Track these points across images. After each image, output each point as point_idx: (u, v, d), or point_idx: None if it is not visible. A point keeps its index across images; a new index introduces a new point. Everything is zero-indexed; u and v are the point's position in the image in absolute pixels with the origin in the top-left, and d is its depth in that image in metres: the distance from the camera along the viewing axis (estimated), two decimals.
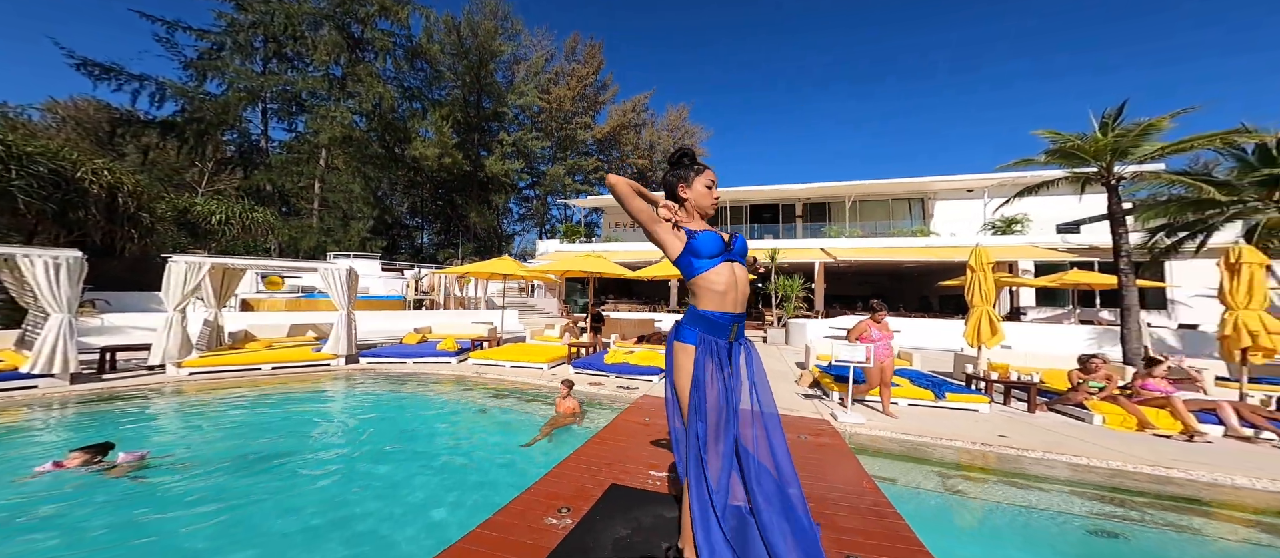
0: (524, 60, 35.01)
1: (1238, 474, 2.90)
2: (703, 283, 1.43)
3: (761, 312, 15.46)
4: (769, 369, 8.10)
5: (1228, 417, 3.84)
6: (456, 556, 1.92)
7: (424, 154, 27.17)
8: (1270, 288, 4.87)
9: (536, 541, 2.07)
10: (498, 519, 2.25)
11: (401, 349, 7.51)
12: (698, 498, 1.30)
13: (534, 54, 34.81)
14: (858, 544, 1.94)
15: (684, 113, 38.78)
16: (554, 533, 2.13)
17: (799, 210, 20.89)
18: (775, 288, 14.57)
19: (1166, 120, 8.55)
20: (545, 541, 2.07)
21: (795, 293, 14.48)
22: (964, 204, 18.16)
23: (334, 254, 18.05)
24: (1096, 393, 4.51)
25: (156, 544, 2.21)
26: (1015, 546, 2.38)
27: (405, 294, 14.23)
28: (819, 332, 11.46)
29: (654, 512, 1.99)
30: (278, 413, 4.63)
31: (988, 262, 5.89)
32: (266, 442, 3.71)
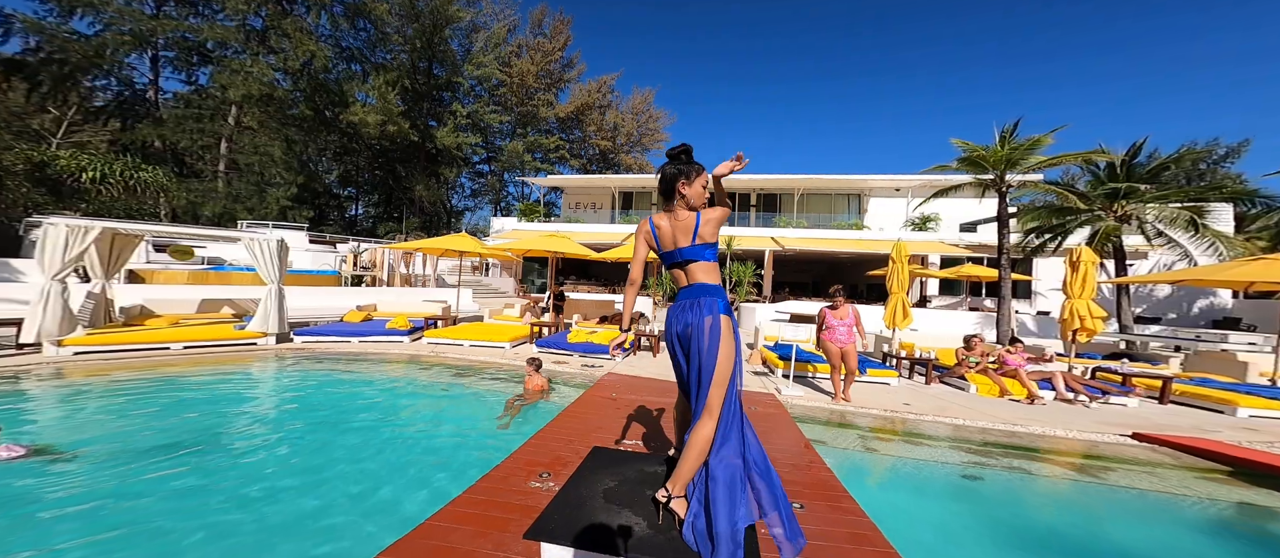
0: (484, 29, 32.47)
1: (1058, 428, 3.88)
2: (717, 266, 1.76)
3: None
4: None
5: (1057, 384, 5.01)
6: (447, 518, 2.08)
7: (364, 120, 24.40)
8: (1099, 281, 6.28)
9: (524, 500, 2.28)
10: (483, 485, 2.43)
11: (344, 327, 7.07)
12: (737, 451, 1.55)
13: (496, 24, 32.39)
14: (798, 493, 2.40)
15: (649, 97, 38.39)
16: (540, 494, 2.36)
17: (753, 200, 22.00)
18: (729, 274, 15.49)
19: (1048, 137, 10.30)
20: (532, 500, 2.29)
21: (748, 278, 15.51)
22: (893, 202, 20.32)
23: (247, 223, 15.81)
24: (974, 367, 5.60)
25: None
26: (911, 489, 3.04)
27: (340, 269, 13.00)
28: (767, 315, 12.50)
29: (636, 468, 2.27)
30: (199, 398, 4.20)
31: (905, 255, 6.85)
32: (188, 431, 3.29)
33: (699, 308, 1.64)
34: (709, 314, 1.61)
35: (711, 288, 1.69)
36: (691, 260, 1.71)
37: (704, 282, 1.70)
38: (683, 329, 1.67)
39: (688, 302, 1.70)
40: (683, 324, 1.67)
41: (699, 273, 1.71)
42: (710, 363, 1.56)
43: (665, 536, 1.60)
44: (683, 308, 1.71)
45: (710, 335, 1.58)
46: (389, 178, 32.02)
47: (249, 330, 6.10)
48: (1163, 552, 2.36)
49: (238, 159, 21.87)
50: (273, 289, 6.08)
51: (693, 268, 1.72)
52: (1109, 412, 4.56)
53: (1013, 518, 2.68)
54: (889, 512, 2.52)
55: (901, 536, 1.97)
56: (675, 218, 1.75)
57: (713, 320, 1.60)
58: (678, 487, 1.62)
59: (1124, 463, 3.29)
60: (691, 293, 1.71)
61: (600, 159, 37.68)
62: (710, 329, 1.59)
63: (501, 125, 34.24)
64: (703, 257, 1.71)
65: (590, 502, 1.86)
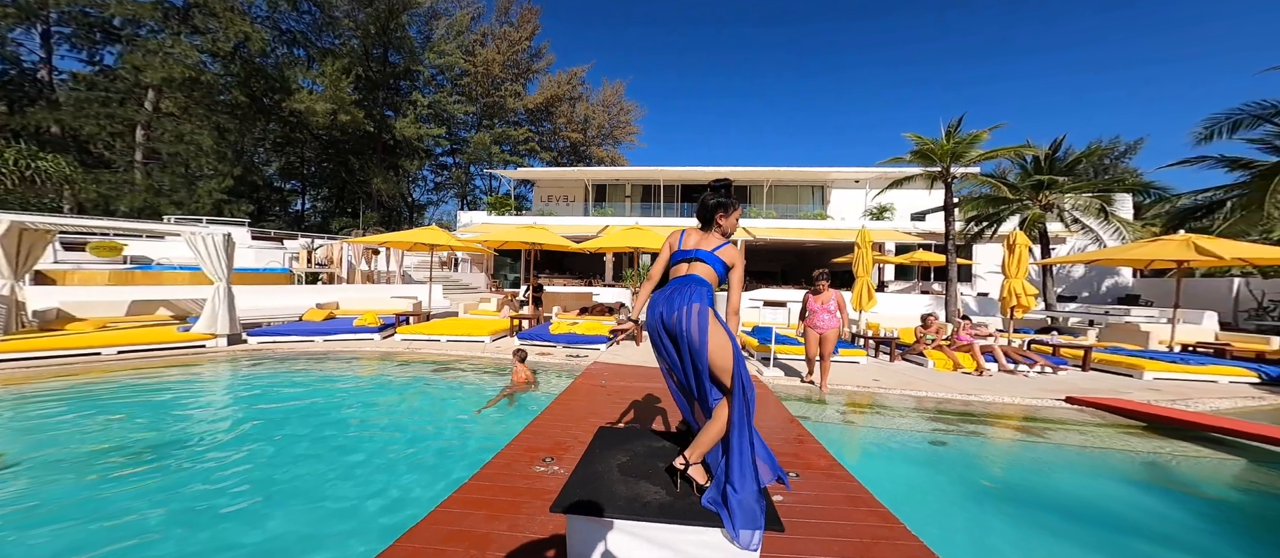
0: (445, 16, 30.75)
1: (1005, 396, 4.35)
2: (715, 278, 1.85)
3: None
4: None
5: (999, 356, 5.60)
6: (458, 504, 2.07)
7: (311, 108, 22.45)
8: (1030, 262, 7.02)
9: (531, 484, 2.30)
10: (487, 472, 2.42)
11: (305, 326, 6.62)
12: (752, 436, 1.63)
13: (458, 10, 30.76)
14: (792, 464, 2.57)
15: (620, 89, 37.99)
16: (545, 478, 2.38)
17: None
18: None
19: (986, 133, 11.29)
20: (539, 484, 2.31)
21: None
22: (853, 193, 21.47)
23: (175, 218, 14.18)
24: (930, 344, 6.13)
25: None
26: (885, 456, 3.32)
27: (292, 267, 12.00)
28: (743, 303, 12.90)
29: (644, 444, 2.33)
30: (144, 406, 3.81)
31: (869, 241, 7.33)
32: (135, 443, 3.00)
33: (686, 294, 1.68)
34: (697, 301, 1.65)
35: (702, 282, 1.75)
36: (700, 259, 1.79)
37: (699, 276, 1.77)
38: (669, 314, 1.69)
39: (674, 287, 1.75)
40: (670, 309, 1.69)
41: (699, 270, 1.78)
42: (703, 352, 1.61)
43: (685, 501, 1.67)
44: (668, 294, 1.75)
45: (698, 322, 1.61)
46: (341, 170, 29.82)
47: (195, 332, 5.57)
48: (1097, 499, 2.75)
49: (159, 148, 19.44)
50: (221, 288, 5.56)
51: (697, 265, 1.80)
52: (1044, 380, 5.17)
53: (973, 476, 3.01)
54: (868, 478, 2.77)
55: (881, 496, 2.16)
56: (704, 236, 1.88)
57: (700, 307, 1.65)
58: (696, 455, 1.70)
59: (1061, 424, 3.77)
60: (680, 283, 1.76)
61: (571, 151, 37.04)
62: (698, 316, 1.63)
63: (466, 116, 32.83)
64: (712, 263, 1.79)
65: (607, 476, 1.91)
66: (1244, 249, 5.98)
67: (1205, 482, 3.00)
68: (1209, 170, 11.59)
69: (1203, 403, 4.24)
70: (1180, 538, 2.32)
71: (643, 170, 21.99)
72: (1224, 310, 13.40)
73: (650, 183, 22.01)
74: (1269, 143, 10.27)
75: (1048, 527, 2.38)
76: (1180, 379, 5.19)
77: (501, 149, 32.97)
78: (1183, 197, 12.97)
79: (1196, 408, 4.10)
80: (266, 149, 27.12)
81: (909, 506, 2.56)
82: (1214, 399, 4.37)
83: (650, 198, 23.02)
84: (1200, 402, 4.27)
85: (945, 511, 2.61)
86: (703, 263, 1.79)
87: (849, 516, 2.06)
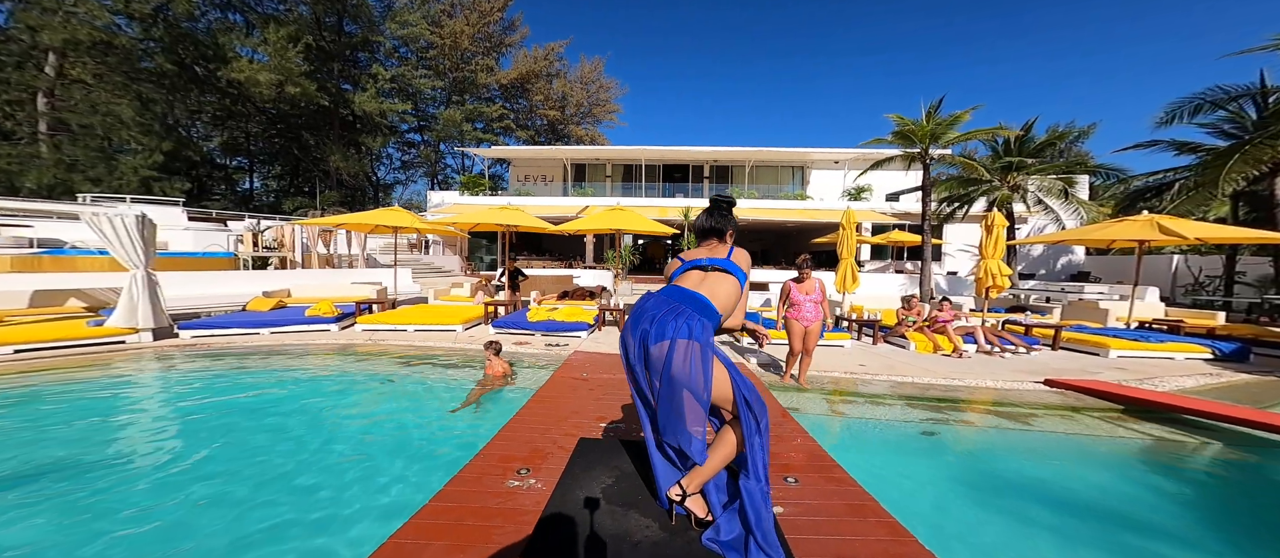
0: None
1: (986, 379, 4.37)
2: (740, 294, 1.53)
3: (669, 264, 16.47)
4: None
5: (979, 337, 5.69)
6: (413, 533, 1.75)
7: (253, 79, 20.28)
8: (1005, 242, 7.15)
9: (504, 503, 2.00)
10: (452, 489, 2.10)
11: (249, 317, 5.97)
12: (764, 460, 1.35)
13: None
14: (788, 466, 2.38)
15: (599, 66, 36.43)
16: (521, 494, 2.09)
17: (706, 172, 22.15)
18: (686, 244, 15.60)
19: (966, 114, 11.37)
20: (514, 502, 2.02)
21: None
22: (832, 174, 21.59)
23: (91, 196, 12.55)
24: (911, 326, 6.16)
25: None
26: (874, 449, 3.22)
27: (237, 251, 10.91)
28: None
29: (631, 459, 2.09)
30: (50, 415, 3.26)
31: (854, 222, 7.24)
32: (38, 461, 2.57)
33: (680, 321, 1.31)
34: (696, 338, 1.28)
35: (705, 309, 1.35)
36: (720, 268, 1.48)
37: (705, 300, 1.37)
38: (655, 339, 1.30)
39: (669, 306, 1.35)
40: (657, 332, 1.30)
41: (711, 288, 1.42)
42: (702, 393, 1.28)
43: (683, 539, 1.43)
44: (658, 312, 1.34)
45: (696, 366, 1.27)
46: (294, 146, 27.52)
47: (110, 326, 4.86)
48: (1087, 489, 2.73)
49: (68, 119, 17.08)
50: (138, 276, 4.84)
51: (712, 277, 1.45)
52: (1020, 361, 5.28)
53: (964, 469, 2.96)
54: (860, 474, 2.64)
55: (875, 493, 2.00)
56: (708, 246, 1.64)
57: (701, 348, 1.28)
58: (694, 483, 1.45)
59: (1046, 409, 3.80)
60: (678, 301, 1.37)
61: (549, 130, 35.55)
62: (697, 358, 1.27)
63: (434, 91, 30.73)
64: (735, 271, 1.48)
65: (591, 505, 1.65)
66: (1205, 229, 6.22)
67: (1188, 467, 3.06)
68: (1158, 154, 12.19)
69: (1168, 381, 4.40)
70: (1172, 528, 2.31)
71: (624, 150, 21.29)
72: (1164, 286, 14.45)
73: (631, 162, 21.37)
74: (1218, 127, 10.81)
75: (1042, 522, 2.32)
76: (1142, 356, 5.41)
77: (474, 127, 31.29)
78: (1134, 179, 13.66)
79: (1164, 387, 4.25)
80: (205, 122, 24.55)
81: (904, 503, 2.45)
82: (1178, 377, 4.55)
83: (632, 177, 22.41)
84: (1166, 380, 4.44)
85: (939, 505, 2.52)
86: (722, 272, 1.45)
87: (856, 528, 1.88)
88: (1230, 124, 10.61)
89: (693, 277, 1.49)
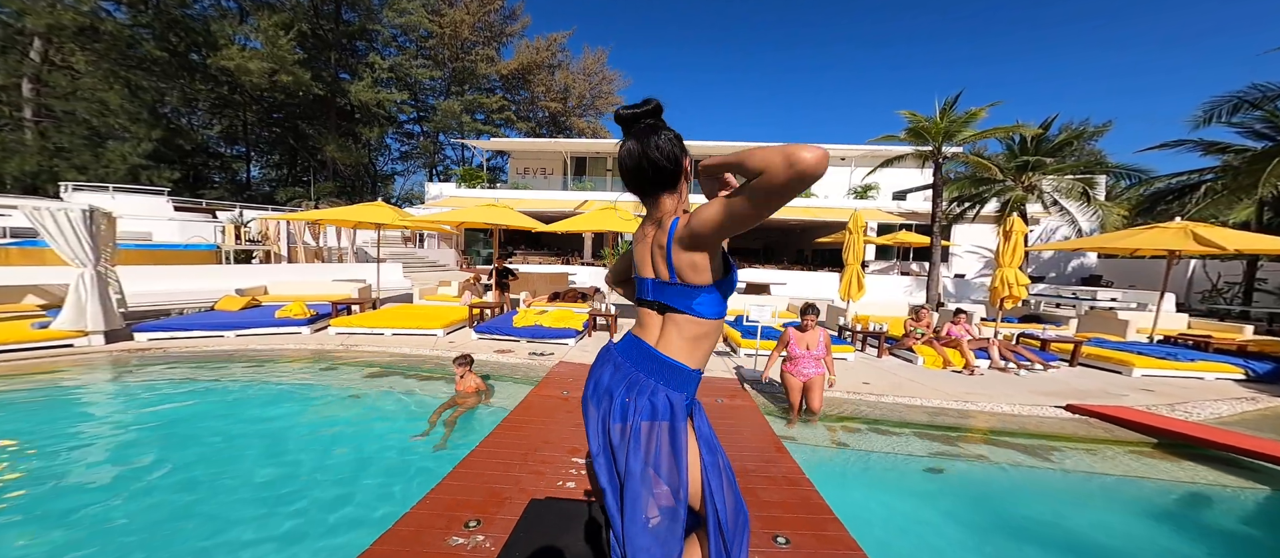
0: None
1: (1001, 403, 3.99)
2: (718, 328, 0.99)
3: None
4: None
5: (993, 352, 5.31)
6: None
7: (243, 67, 19.94)
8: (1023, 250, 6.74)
9: None
10: (381, 550, 1.77)
11: (213, 318, 5.64)
12: None
13: None
14: (779, 519, 2.05)
15: (602, 57, 35.77)
16: (463, 557, 1.77)
17: None
18: None
19: (983, 111, 10.84)
20: None
21: None
22: (838, 171, 21.02)
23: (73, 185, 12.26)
24: (920, 338, 5.79)
25: None
26: (879, 488, 2.87)
27: (220, 243, 10.61)
28: None
29: (587, 526, 1.76)
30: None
31: (861, 226, 6.83)
32: None
33: (641, 388, 0.96)
34: (661, 418, 0.94)
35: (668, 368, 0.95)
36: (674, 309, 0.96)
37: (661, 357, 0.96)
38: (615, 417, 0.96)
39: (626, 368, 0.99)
40: (611, 407, 0.97)
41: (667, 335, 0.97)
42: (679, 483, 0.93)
43: None
44: (617, 380, 0.99)
45: (661, 453, 0.92)
46: (290, 136, 27.20)
47: (55, 329, 4.55)
48: (1122, 543, 2.38)
49: (53, 106, 16.74)
50: (86, 274, 4.52)
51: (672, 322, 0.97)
52: (1037, 380, 4.90)
53: (977, 515, 2.62)
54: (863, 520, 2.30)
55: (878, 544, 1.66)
56: (653, 216, 1.02)
57: (668, 427, 0.93)
58: None
59: (1067, 440, 3.44)
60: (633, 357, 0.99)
61: (550, 122, 35.04)
62: (666, 445, 0.93)
63: (433, 81, 30.28)
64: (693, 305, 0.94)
65: None
66: (1247, 239, 5.76)
67: (1230, 515, 2.71)
68: (1183, 155, 11.63)
69: (1203, 408, 4.03)
70: None
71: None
72: (1179, 292, 13.94)
73: None
74: (1251, 127, 10.24)
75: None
76: (1169, 376, 5.03)
77: (474, 118, 30.85)
78: (1156, 180, 13.06)
79: (1198, 414, 3.88)
80: (204, 111, 24.27)
81: (896, 550, 2.13)
82: (1211, 401, 4.17)
83: None
84: (1200, 406, 4.06)
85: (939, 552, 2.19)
86: (680, 315, 0.95)
87: None
88: (1264, 124, 10.04)
89: (644, 318, 1.03)
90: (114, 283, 4.94)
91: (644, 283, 1.02)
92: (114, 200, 11.76)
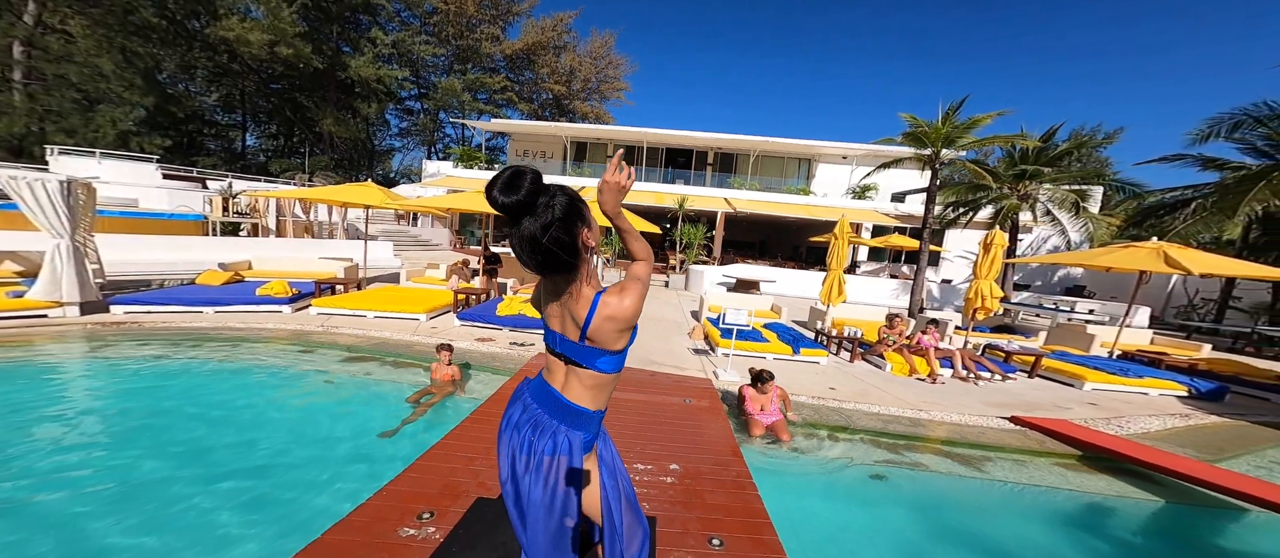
0: None
1: (951, 413, 4.17)
2: (617, 378, 1.11)
3: (665, 256, 16.19)
4: (664, 318, 8.63)
5: (956, 362, 5.50)
6: None
7: (243, 38, 19.39)
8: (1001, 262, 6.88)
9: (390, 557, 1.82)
10: (331, 539, 1.88)
11: (194, 293, 5.67)
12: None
13: None
14: (719, 522, 2.21)
15: (609, 41, 34.86)
16: (411, 548, 1.89)
17: (710, 159, 21.51)
18: (681, 235, 15.26)
19: (987, 118, 10.80)
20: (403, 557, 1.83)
21: (698, 240, 15.47)
22: (839, 169, 20.97)
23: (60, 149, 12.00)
24: (892, 346, 5.97)
25: None
26: (821, 493, 3.05)
27: (207, 214, 10.54)
28: (714, 278, 12.58)
29: None
30: None
31: (847, 230, 6.93)
32: None
33: (545, 431, 1.08)
34: (561, 453, 1.06)
35: (569, 413, 1.07)
36: (575, 362, 1.07)
37: (568, 404, 1.07)
38: (521, 458, 1.08)
39: (533, 419, 1.09)
40: (522, 450, 1.08)
41: (574, 388, 1.08)
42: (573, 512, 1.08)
43: None
44: (522, 421, 1.10)
45: (558, 482, 1.05)
46: (288, 107, 26.65)
47: (30, 299, 4.57)
48: (1026, 550, 2.60)
49: (41, 68, 16.22)
50: (62, 245, 4.54)
51: (573, 376, 1.08)
52: (993, 390, 5.11)
53: (904, 518, 2.81)
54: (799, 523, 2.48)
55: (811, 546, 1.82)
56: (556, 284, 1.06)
57: (565, 462, 1.05)
58: None
59: (1000, 451, 3.64)
60: (542, 399, 1.10)
61: (553, 105, 34.40)
62: (561, 475, 1.05)
63: (435, 58, 29.55)
64: (599, 364, 1.05)
65: None
66: (1212, 262, 5.93)
67: (1131, 526, 2.93)
68: (1179, 170, 11.73)
69: (1135, 422, 4.25)
70: None
71: (626, 130, 20.57)
72: (1157, 305, 14.24)
73: (634, 144, 20.69)
74: (1252, 144, 10.29)
75: None
76: (1115, 391, 5.26)
77: (475, 97, 30.25)
78: (1150, 193, 13.17)
79: (1130, 429, 4.10)
80: (201, 79, 23.69)
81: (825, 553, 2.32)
82: (1145, 416, 4.40)
83: (633, 160, 21.87)
84: (1133, 419, 4.29)
85: None
86: (582, 369, 1.05)
87: None
88: (1265, 143, 10.09)
89: (556, 362, 1.13)
90: (92, 253, 4.96)
91: (553, 335, 1.12)
92: (101, 166, 11.56)
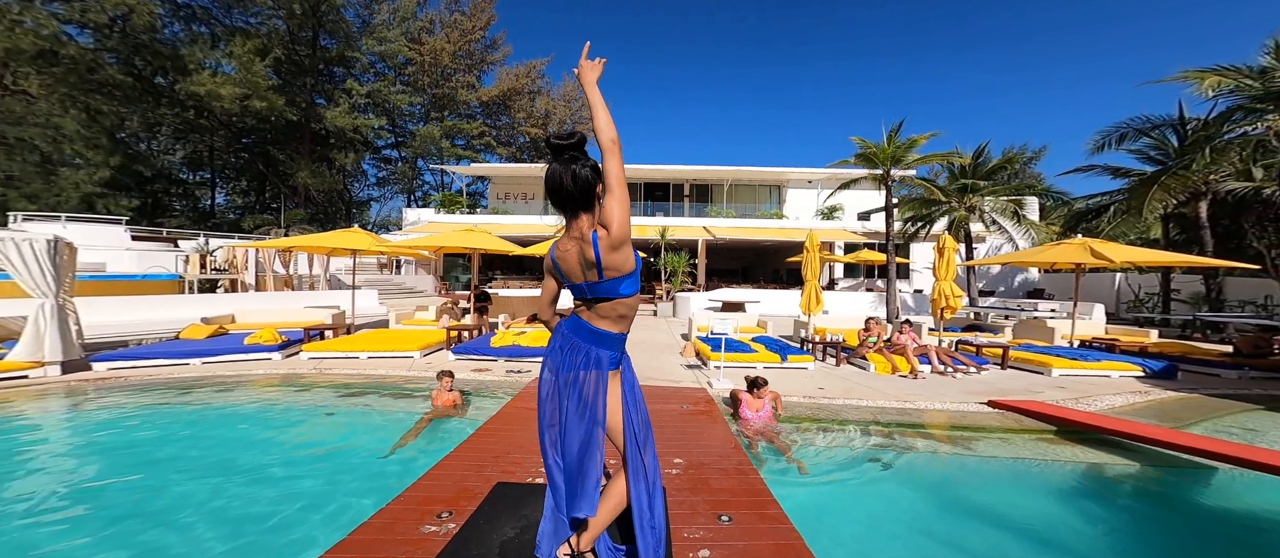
0: (387, 1, 28.50)
1: (935, 401, 4.48)
2: (637, 301, 1.38)
3: (652, 286, 16.50)
4: (656, 342, 8.82)
5: (933, 358, 5.86)
6: None
7: (215, 92, 19.76)
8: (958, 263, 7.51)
9: (412, 552, 1.87)
10: (357, 539, 1.93)
11: (179, 347, 5.56)
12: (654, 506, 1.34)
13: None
14: (727, 502, 2.34)
15: None
16: (434, 542, 1.95)
17: (686, 190, 22.58)
18: (664, 263, 15.70)
19: (923, 138, 12.02)
20: (421, 552, 1.88)
21: (681, 268, 15.92)
22: (807, 193, 22.35)
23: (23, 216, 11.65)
24: (872, 347, 6.30)
25: None
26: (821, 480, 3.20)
27: (182, 273, 10.27)
28: (701, 304, 12.91)
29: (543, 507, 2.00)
30: None
31: (816, 243, 7.44)
32: None
33: (581, 354, 1.34)
34: (594, 368, 1.32)
35: (599, 337, 1.34)
36: (601, 297, 1.34)
37: (594, 328, 1.34)
38: (564, 371, 1.36)
39: (569, 339, 1.38)
40: (565, 365, 1.35)
41: (599, 318, 1.36)
42: (599, 420, 1.31)
43: None
44: (562, 346, 1.38)
45: (594, 389, 1.31)
46: (259, 161, 26.66)
47: (11, 360, 4.44)
48: (1021, 514, 2.80)
49: (5, 132, 16.00)
50: (47, 305, 4.46)
51: (597, 309, 1.36)
52: (970, 381, 5.44)
53: (905, 498, 2.97)
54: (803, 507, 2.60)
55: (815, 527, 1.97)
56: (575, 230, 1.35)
57: (597, 377, 1.32)
58: (587, 540, 1.40)
59: (986, 431, 3.90)
60: (573, 332, 1.38)
61: (531, 148, 35.68)
62: (595, 384, 1.32)
63: (412, 107, 30.57)
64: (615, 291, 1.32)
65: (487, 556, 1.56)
66: (1131, 253, 6.70)
67: (1109, 490, 3.18)
68: (1098, 177, 13.21)
69: (1101, 400, 4.61)
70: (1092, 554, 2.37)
71: None
72: (1109, 303, 15.39)
73: None
74: (1146, 153, 11.78)
75: (971, 551, 2.33)
76: (1080, 375, 5.68)
77: (454, 143, 31.10)
78: (1077, 201, 14.67)
79: (1097, 406, 4.45)
80: (166, 136, 23.61)
81: (836, 535, 2.44)
82: (1109, 395, 4.78)
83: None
84: (1099, 398, 4.65)
85: (867, 539, 2.51)
86: (605, 303, 1.32)
87: None
88: (1156, 151, 11.58)
89: (578, 311, 1.40)
90: (73, 314, 4.85)
91: (578, 287, 1.38)
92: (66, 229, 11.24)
